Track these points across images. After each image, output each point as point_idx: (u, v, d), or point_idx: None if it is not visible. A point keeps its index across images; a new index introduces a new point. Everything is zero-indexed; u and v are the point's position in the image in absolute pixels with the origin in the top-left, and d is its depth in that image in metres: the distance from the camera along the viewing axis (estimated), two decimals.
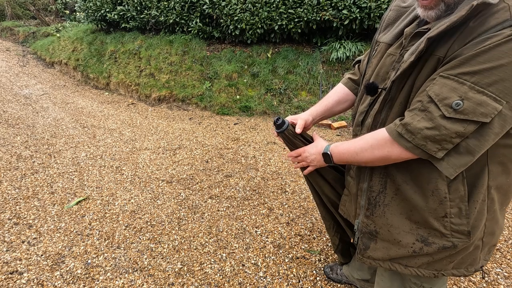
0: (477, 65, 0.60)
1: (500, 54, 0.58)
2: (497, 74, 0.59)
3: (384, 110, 0.82)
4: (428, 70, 0.71)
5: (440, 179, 0.75)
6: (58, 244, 1.96)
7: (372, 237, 0.93)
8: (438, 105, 0.63)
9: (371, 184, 0.89)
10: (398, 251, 0.87)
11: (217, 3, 4.94)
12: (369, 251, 0.94)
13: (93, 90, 5.89)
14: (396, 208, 0.85)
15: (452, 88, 0.62)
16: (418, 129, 0.66)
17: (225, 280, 1.69)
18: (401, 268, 0.90)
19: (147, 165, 3.04)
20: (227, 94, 4.75)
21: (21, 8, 10.71)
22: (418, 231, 0.83)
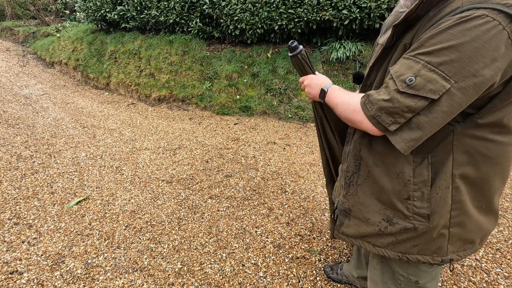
0: (430, 46, 0.65)
1: (450, 36, 0.62)
2: (448, 55, 0.63)
3: None
4: (397, 55, 0.77)
5: (406, 163, 0.80)
6: (58, 244, 1.96)
7: (346, 214, 1.00)
8: (395, 80, 0.69)
9: (347, 165, 0.96)
10: (367, 228, 0.94)
11: (217, 3, 4.94)
12: (343, 227, 1.02)
13: (93, 90, 5.89)
14: (367, 188, 0.91)
15: (408, 66, 0.67)
16: (376, 99, 0.72)
17: (225, 280, 1.69)
18: (370, 247, 0.96)
19: (147, 165, 3.04)
20: (227, 94, 4.75)
21: (21, 8, 10.71)
22: (385, 212, 0.89)
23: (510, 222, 2.11)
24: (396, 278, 1.03)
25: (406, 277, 0.98)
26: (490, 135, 0.75)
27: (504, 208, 2.26)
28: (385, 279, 1.06)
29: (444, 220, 0.82)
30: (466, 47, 0.61)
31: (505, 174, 0.83)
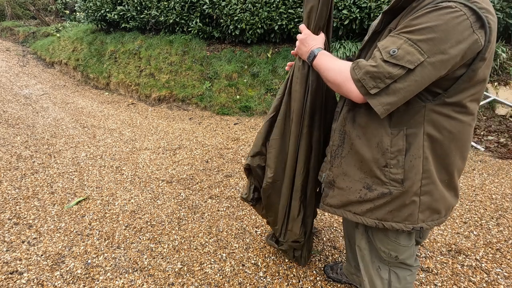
0: (412, 26, 0.78)
1: (427, 19, 0.76)
2: (425, 34, 0.76)
3: None
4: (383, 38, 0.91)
5: (385, 134, 0.93)
6: (58, 244, 1.96)
7: (331, 186, 1.10)
8: (381, 51, 0.81)
9: (333, 139, 1.08)
10: (349, 196, 1.03)
11: (217, 3, 4.94)
12: (328, 198, 1.11)
13: (93, 90, 5.89)
14: (350, 160, 1.02)
15: (393, 41, 0.81)
16: (364, 65, 0.84)
17: (225, 280, 1.69)
18: (351, 215, 1.05)
19: (147, 165, 3.04)
20: (227, 94, 4.75)
21: (21, 8, 10.71)
22: (365, 180, 1.00)
23: (510, 222, 2.11)
24: (380, 256, 1.11)
25: (387, 253, 1.07)
26: (454, 113, 0.87)
27: (504, 208, 2.26)
28: (373, 258, 1.14)
29: (415, 187, 0.92)
30: (439, 29, 0.74)
31: (464, 152, 0.95)
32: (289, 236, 1.50)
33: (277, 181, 1.38)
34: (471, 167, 2.88)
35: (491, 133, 3.48)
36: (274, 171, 1.36)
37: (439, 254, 1.84)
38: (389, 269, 1.11)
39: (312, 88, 1.20)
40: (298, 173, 1.33)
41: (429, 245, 1.92)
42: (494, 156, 3.08)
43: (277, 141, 1.33)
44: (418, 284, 1.64)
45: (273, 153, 1.35)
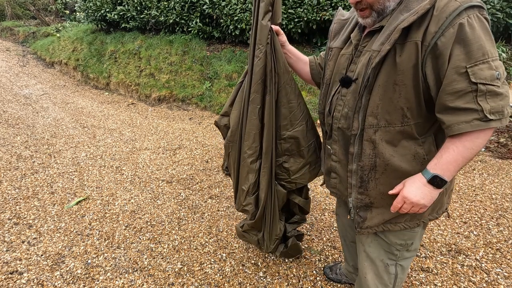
0: (480, 49, 0.79)
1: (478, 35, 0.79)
2: (489, 45, 0.80)
3: (364, 95, 0.95)
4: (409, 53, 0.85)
5: (416, 145, 0.93)
6: (58, 244, 1.97)
7: (367, 208, 1.06)
8: (492, 83, 0.80)
9: (361, 165, 1.01)
10: (391, 213, 1.01)
11: (217, 3, 4.94)
12: (367, 221, 1.07)
13: (93, 90, 5.89)
14: (386, 179, 0.99)
15: (486, 68, 0.80)
16: (500, 105, 0.81)
17: (225, 280, 1.69)
18: (392, 226, 1.05)
19: (147, 165, 3.04)
20: (227, 94, 4.75)
21: (21, 8, 10.71)
22: None
23: (510, 222, 2.11)
24: (391, 251, 1.12)
25: (404, 244, 1.09)
26: None
27: (504, 208, 2.26)
28: (381, 256, 1.14)
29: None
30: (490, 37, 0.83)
31: None
32: (237, 204, 1.51)
33: (234, 142, 1.41)
34: (471, 167, 2.88)
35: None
36: (231, 131, 1.40)
37: (439, 254, 1.84)
38: (395, 263, 1.14)
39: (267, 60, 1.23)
40: (243, 138, 1.35)
41: (429, 245, 1.92)
42: (494, 156, 3.08)
43: (239, 103, 1.39)
44: (418, 284, 1.64)
45: (234, 114, 1.40)
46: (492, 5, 3.77)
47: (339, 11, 1.18)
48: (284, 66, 1.27)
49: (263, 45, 1.20)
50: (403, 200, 0.95)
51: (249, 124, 1.31)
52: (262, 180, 1.38)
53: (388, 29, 0.89)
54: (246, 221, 1.57)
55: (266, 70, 1.24)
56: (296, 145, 1.35)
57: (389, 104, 0.91)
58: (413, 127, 0.92)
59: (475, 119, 0.81)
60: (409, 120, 0.91)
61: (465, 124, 0.82)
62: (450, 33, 0.80)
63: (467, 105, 0.81)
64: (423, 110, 0.90)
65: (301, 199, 1.56)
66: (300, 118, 1.34)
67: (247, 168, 1.38)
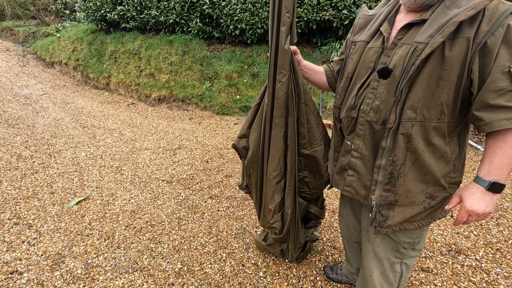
0: None
1: None
2: None
3: (404, 88, 0.93)
4: (459, 49, 0.86)
5: (444, 144, 0.95)
6: (58, 244, 1.97)
7: (391, 206, 1.04)
8: None
9: (394, 159, 0.99)
10: (412, 210, 1.03)
11: (217, 3, 4.94)
12: (388, 220, 1.05)
13: (93, 90, 5.89)
14: (412, 175, 1.00)
15: None
16: None
17: (225, 280, 1.69)
18: (409, 225, 1.06)
19: (147, 165, 3.04)
20: (227, 94, 4.76)
21: (21, 8, 10.71)
22: (427, 190, 1.01)
23: (510, 222, 2.11)
24: (398, 249, 1.14)
25: (411, 242, 1.12)
26: None
27: (504, 208, 2.26)
28: (388, 255, 1.16)
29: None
30: None
31: None
32: (262, 221, 1.54)
33: (255, 163, 1.44)
34: (471, 167, 2.88)
35: None
36: (251, 153, 1.42)
37: (439, 254, 1.84)
38: (401, 261, 1.16)
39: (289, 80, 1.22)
40: (266, 159, 1.37)
41: (429, 245, 1.92)
42: None
43: (258, 125, 1.39)
44: (418, 284, 1.64)
45: (254, 136, 1.41)
46: None
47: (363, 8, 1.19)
48: (303, 87, 1.27)
49: (286, 70, 1.18)
50: (467, 213, 0.95)
51: (273, 148, 1.32)
52: (288, 197, 1.41)
53: (436, 22, 0.88)
54: (271, 235, 1.61)
55: (288, 93, 1.24)
56: (315, 164, 1.37)
57: (430, 99, 0.91)
58: (446, 125, 0.93)
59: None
60: (445, 117, 0.92)
61: (505, 121, 0.83)
62: (499, 32, 0.82)
63: (508, 103, 0.83)
64: (457, 109, 0.92)
65: (317, 208, 1.62)
66: (318, 138, 1.35)
67: (272, 188, 1.40)
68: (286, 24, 1.12)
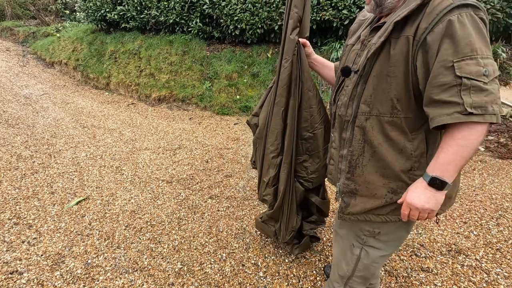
0: (469, 45, 0.81)
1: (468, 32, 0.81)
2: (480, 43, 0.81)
3: (359, 84, 1.02)
4: (401, 47, 0.91)
5: (406, 140, 0.96)
6: (58, 244, 1.97)
7: (352, 195, 1.10)
8: (477, 79, 0.80)
9: (351, 150, 1.06)
10: (374, 203, 1.05)
11: (217, 3, 4.94)
12: (349, 207, 1.11)
13: (93, 90, 5.89)
14: (372, 168, 1.03)
15: (474, 64, 0.81)
16: (480, 101, 0.81)
17: (225, 280, 1.69)
18: (374, 217, 1.08)
19: (147, 165, 3.04)
20: (227, 94, 4.76)
21: (21, 8, 10.71)
22: (390, 185, 1.02)
23: (510, 222, 2.11)
24: (359, 235, 1.18)
25: (371, 231, 1.14)
26: None
27: (504, 208, 2.26)
28: (349, 236, 1.23)
29: None
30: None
31: None
32: (259, 194, 1.66)
33: (261, 138, 1.58)
34: (471, 167, 2.88)
35: (491, 133, 3.48)
36: (259, 129, 1.58)
37: (439, 254, 1.84)
38: (362, 247, 1.19)
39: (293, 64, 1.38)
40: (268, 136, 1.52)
41: (429, 245, 1.92)
42: (494, 156, 3.08)
43: (266, 105, 1.55)
44: (418, 284, 1.64)
45: (263, 115, 1.56)
46: (492, 5, 3.77)
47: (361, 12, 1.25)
48: (307, 74, 1.41)
49: (290, 56, 1.35)
50: (408, 207, 0.96)
51: (273, 123, 1.47)
52: (282, 174, 1.52)
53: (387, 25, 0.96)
54: (266, 212, 1.74)
55: (292, 77, 1.39)
56: (315, 146, 1.49)
57: (381, 94, 0.97)
58: (402, 121, 0.95)
59: (456, 112, 0.82)
60: (398, 112, 0.95)
61: (446, 117, 0.84)
62: (439, 29, 0.84)
63: (450, 98, 0.83)
64: (412, 105, 0.93)
65: (318, 198, 1.68)
66: (319, 121, 1.47)
67: (268, 162, 1.53)
68: (293, 18, 1.30)
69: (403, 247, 1.90)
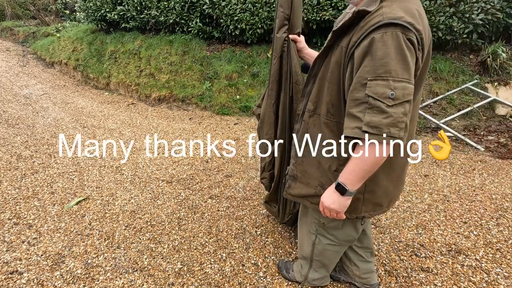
0: (384, 66, 0.82)
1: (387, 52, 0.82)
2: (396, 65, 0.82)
3: (310, 83, 1.12)
4: (336, 56, 0.98)
5: (336, 144, 1.06)
6: (58, 244, 1.97)
7: (294, 179, 1.25)
8: (381, 100, 0.83)
9: (297, 141, 1.21)
10: (307, 190, 1.20)
11: (217, 3, 4.94)
12: (290, 189, 1.27)
13: (93, 90, 5.89)
14: (310, 160, 1.17)
15: (383, 85, 0.83)
16: (378, 122, 0.84)
17: (225, 280, 1.69)
18: (309, 203, 1.23)
19: (147, 165, 3.04)
20: (227, 94, 4.75)
21: (21, 8, 10.71)
22: (320, 179, 1.14)
23: (510, 222, 2.11)
24: (313, 223, 1.34)
25: (317, 220, 1.30)
26: None
27: (504, 208, 2.26)
28: (307, 222, 1.39)
29: (360, 188, 1.03)
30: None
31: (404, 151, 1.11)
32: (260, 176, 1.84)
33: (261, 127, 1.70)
34: (471, 167, 2.88)
35: (491, 133, 3.48)
36: (261, 119, 1.70)
37: (439, 254, 1.84)
38: (316, 234, 1.35)
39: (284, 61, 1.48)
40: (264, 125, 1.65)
41: (429, 245, 1.92)
42: (494, 156, 3.08)
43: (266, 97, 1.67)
44: (418, 284, 1.64)
45: (263, 106, 1.66)
46: (492, 5, 3.77)
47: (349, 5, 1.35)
48: (296, 69, 1.48)
49: (277, 53, 1.45)
50: (322, 204, 1.09)
51: (267, 115, 1.59)
52: (276, 161, 1.65)
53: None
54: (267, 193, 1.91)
55: (282, 72, 1.49)
56: None
57: (322, 96, 1.06)
58: (334, 125, 1.04)
59: (357, 127, 0.88)
60: (332, 116, 1.04)
61: (349, 130, 0.90)
62: (363, 45, 0.86)
63: (357, 114, 0.88)
64: (343, 111, 0.98)
65: None
66: None
67: (264, 149, 1.67)
68: (279, 17, 1.38)
69: (403, 247, 1.90)
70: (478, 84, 4.00)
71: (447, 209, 2.27)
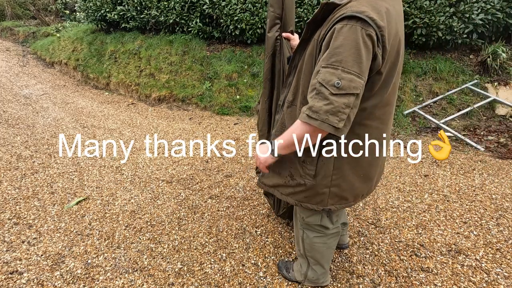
0: (336, 55, 0.85)
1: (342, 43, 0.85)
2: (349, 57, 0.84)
3: (291, 74, 1.16)
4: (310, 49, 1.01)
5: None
6: (58, 244, 1.97)
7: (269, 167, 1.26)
8: (326, 87, 0.86)
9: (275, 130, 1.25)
10: (278, 180, 1.26)
11: (217, 3, 4.94)
12: (263, 178, 1.34)
13: (93, 90, 5.89)
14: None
15: (331, 73, 0.86)
16: (318, 107, 0.88)
17: (225, 280, 1.69)
18: (279, 194, 1.29)
19: (147, 165, 3.04)
20: (227, 94, 4.75)
21: (21, 8, 10.71)
22: (290, 170, 1.20)
23: (510, 222, 2.11)
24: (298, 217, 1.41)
25: (300, 216, 1.37)
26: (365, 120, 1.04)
27: (504, 208, 2.26)
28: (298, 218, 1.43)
29: (326, 181, 1.13)
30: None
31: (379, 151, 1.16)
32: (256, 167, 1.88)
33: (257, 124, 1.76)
34: (471, 167, 2.88)
35: (491, 133, 3.48)
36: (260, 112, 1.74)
37: (439, 254, 1.84)
38: (303, 229, 1.41)
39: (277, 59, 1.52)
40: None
41: (429, 245, 1.92)
42: (494, 156, 3.08)
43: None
44: (418, 284, 1.64)
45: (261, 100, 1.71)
46: (492, 5, 3.77)
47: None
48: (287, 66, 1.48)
49: (269, 51, 1.48)
50: (257, 153, 1.19)
51: (260, 113, 1.65)
52: None
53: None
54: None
55: (274, 71, 1.52)
56: None
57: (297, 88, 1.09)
58: None
59: (305, 109, 0.92)
60: None
61: (300, 114, 0.95)
62: (328, 36, 0.90)
63: (309, 98, 0.93)
64: None
65: None
66: None
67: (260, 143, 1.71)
68: (270, 17, 1.42)
69: (403, 247, 1.90)
70: (478, 84, 4.00)
71: (447, 209, 2.27)
